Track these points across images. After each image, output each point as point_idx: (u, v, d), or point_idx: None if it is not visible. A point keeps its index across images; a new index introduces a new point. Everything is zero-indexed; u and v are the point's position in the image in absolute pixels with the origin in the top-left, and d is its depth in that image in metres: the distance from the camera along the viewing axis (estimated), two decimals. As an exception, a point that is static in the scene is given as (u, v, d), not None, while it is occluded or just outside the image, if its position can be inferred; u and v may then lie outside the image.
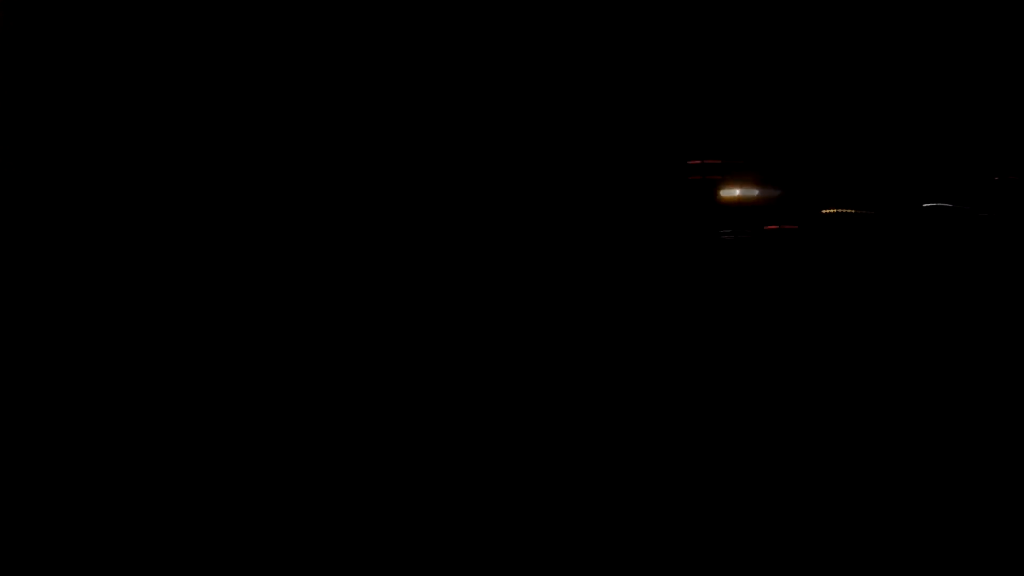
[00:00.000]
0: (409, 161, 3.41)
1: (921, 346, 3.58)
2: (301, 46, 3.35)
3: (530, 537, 2.51)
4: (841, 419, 3.15)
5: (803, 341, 3.67)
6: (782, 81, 3.66)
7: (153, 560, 2.40)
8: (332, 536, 2.58)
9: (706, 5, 3.51)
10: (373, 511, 2.70)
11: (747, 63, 3.63)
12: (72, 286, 3.13)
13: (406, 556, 2.48)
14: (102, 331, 3.15)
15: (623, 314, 3.59)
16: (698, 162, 3.75)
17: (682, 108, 3.62)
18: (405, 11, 3.28)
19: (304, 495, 2.74)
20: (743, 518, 2.54)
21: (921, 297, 3.79)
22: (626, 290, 3.57)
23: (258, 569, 2.37)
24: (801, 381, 3.42)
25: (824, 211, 3.71)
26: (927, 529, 2.50)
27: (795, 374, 3.48)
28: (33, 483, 2.64)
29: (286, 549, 2.48)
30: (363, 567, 2.40)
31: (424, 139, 3.37)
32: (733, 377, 3.44)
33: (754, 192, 3.75)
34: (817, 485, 2.73)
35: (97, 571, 2.33)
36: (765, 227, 3.72)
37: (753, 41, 3.57)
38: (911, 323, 3.70)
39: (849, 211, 3.67)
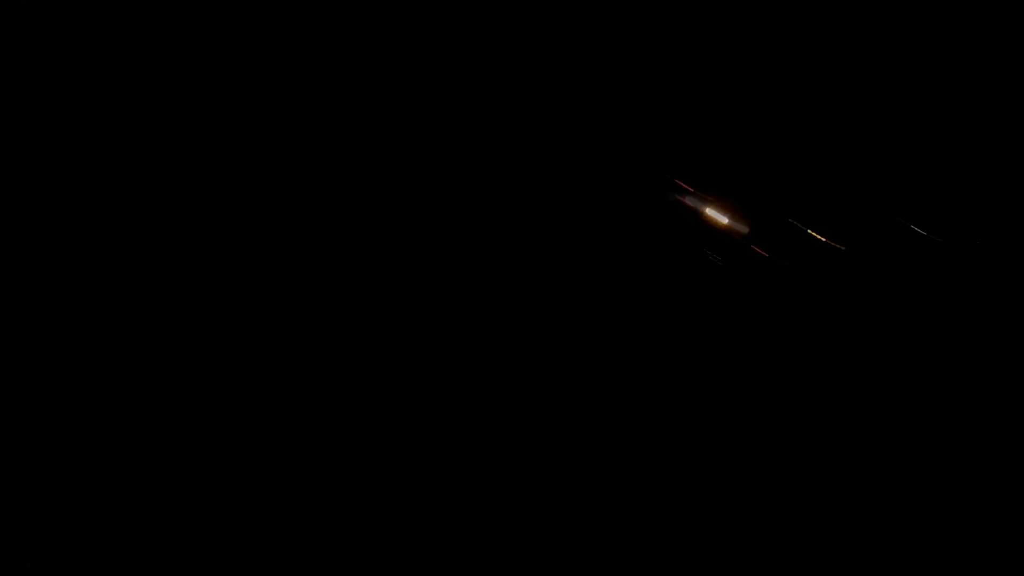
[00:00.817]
0: (394, 164, 3.36)
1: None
2: (300, 46, 3.33)
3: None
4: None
5: (798, 367, 3.60)
6: (779, 100, 3.60)
7: (153, 560, 2.38)
8: (332, 536, 2.56)
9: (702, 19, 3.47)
10: (372, 511, 2.69)
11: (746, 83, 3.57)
12: (71, 286, 3.12)
13: (405, 556, 2.45)
14: (101, 331, 3.13)
15: (614, 331, 3.53)
16: (686, 184, 3.69)
17: (674, 125, 3.56)
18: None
19: (304, 495, 2.74)
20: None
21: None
22: (617, 308, 3.51)
23: (258, 569, 2.35)
24: (798, 402, 3.37)
25: (816, 236, 3.63)
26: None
27: (789, 397, 3.42)
28: (32, 483, 2.65)
29: (285, 549, 2.46)
30: (363, 567, 2.36)
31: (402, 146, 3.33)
32: (724, 399, 3.39)
33: (741, 216, 3.68)
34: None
35: (97, 570, 2.31)
36: (755, 249, 3.64)
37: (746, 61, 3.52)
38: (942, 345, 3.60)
39: (845, 238, 3.60)
